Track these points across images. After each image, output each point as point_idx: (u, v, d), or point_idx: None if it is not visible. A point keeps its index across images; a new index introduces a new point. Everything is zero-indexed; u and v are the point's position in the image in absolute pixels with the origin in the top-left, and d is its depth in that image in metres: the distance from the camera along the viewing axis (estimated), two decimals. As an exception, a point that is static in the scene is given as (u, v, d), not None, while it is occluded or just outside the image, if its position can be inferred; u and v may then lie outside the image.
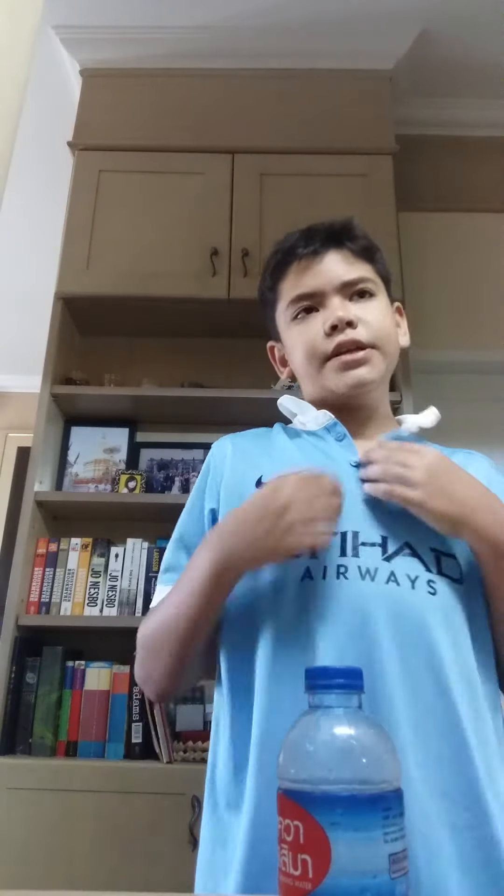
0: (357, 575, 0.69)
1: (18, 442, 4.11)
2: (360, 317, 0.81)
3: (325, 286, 0.82)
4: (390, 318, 0.86)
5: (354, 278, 0.83)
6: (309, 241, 0.84)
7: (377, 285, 0.85)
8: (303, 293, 0.84)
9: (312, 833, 0.40)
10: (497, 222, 2.34)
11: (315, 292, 0.83)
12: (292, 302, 0.85)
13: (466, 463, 0.83)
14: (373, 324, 0.82)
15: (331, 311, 0.81)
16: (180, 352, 2.11)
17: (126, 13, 2.14)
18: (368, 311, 0.83)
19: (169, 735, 1.56)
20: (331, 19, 2.14)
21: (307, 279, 0.83)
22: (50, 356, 1.88)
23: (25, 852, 1.42)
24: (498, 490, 0.76)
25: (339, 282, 0.82)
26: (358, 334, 0.80)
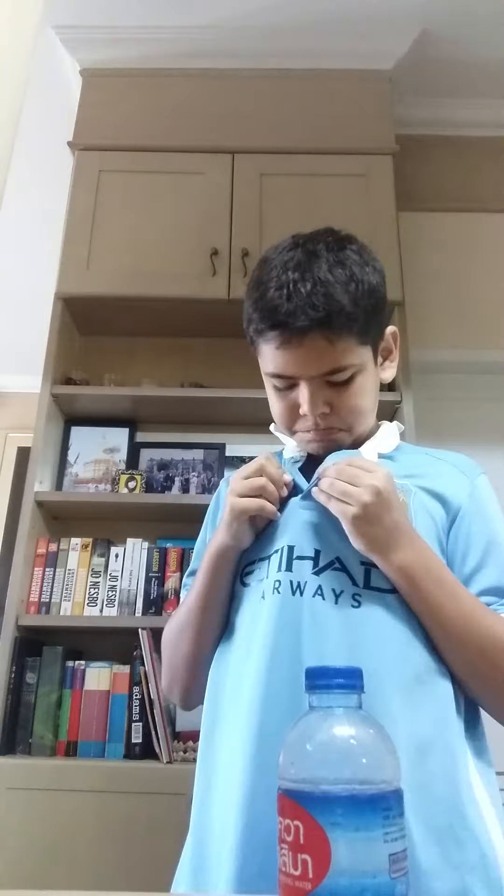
0: (288, 590, 0.75)
1: (18, 442, 4.11)
2: (336, 404, 0.81)
3: (301, 373, 0.80)
4: (372, 392, 0.86)
5: (332, 368, 0.79)
6: (291, 315, 0.76)
7: (359, 364, 0.81)
8: (278, 373, 0.82)
9: (312, 833, 0.40)
10: (497, 222, 2.34)
11: (292, 376, 0.81)
12: (268, 374, 0.84)
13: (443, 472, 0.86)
14: (347, 409, 0.82)
15: (303, 400, 0.80)
16: (180, 352, 2.11)
17: (126, 13, 2.13)
18: (346, 395, 0.81)
19: (169, 735, 1.56)
20: (331, 19, 2.14)
21: (284, 361, 0.80)
22: (50, 356, 1.88)
23: (25, 852, 1.41)
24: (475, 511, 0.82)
25: (315, 374, 0.79)
26: (332, 421, 0.82)
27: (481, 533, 0.80)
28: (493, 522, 0.82)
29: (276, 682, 0.70)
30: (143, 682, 1.59)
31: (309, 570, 0.75)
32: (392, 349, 0.91)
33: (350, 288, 0.78)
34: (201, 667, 0.83)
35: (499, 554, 0.79)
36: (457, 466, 0.87)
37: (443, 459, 0.89)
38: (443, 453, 0.91)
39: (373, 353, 0.85)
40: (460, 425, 2.16)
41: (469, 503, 0.82)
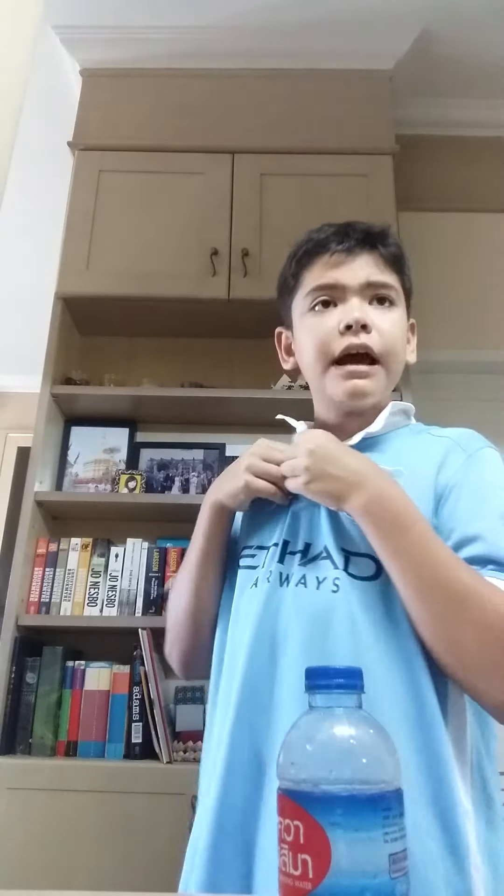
0: (277, 580, 0.76)
1: (18, 442, 4.11)
2: (376, 323, 0.81)
3: (350, 282, 0.82)
4: (403, 332, 0.86)
5: (380, 281, 0.82)
6: (345, 237, 0.84)
7: (399, 296, 0.85)
8: (326, 283, 0.83)
9: (312, 833, 0.40)
10: (497, 222, 2.34)
11: (338, 285, 0.82)
12: (313, 290, 0.84)
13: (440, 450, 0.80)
14: (386, 333, 0.81)
15: (348, 310, 0.81)
16: (180, 352, 2.11)
17: (126, 13, 2.14)
18: (385, 319, 0.82)
19: (169, 735, 1.56)
20: (331, 19, 2.14)
21: (334, 272, 0.83)
22: (50, 356, 1.88)
23: (25, 852, 1.42)
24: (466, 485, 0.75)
25: (366, 281, 0.82)
26: (370, 340, 0.80)
27: (470, 507, 0.73)
28: (486, 495, 0.74)
29: (256, 668, 0.72)
30: (143, 682, 1.59)
31: (297, 562, 0.77)
32: (411, 339, 0.91)
33: (394, 235, 0.87)
34: (200, 624, 0.84)
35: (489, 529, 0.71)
36: (458, 442, 0.81)
37: (444, 436, 0.83)
38: (447, 430, 0.85)
39: (406, 309, 0.87)
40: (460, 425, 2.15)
41: (461, 477, 0.76)
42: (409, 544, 0.68)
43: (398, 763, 0.44)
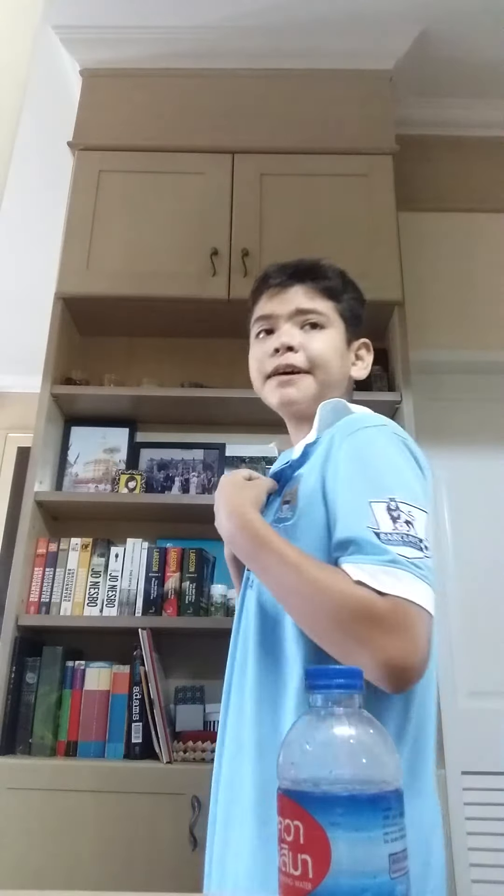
0: (246, 582, 0.92)
1: (18, 442, 4.11)
2: (305, 344, 0.93)
3: (281, 311, 0.96)
4: (336, 350, 0.95)
5: (308, 308, 0.95)
6: (280, 273, 0.98)
7: (331, 320, 0.96)
8: (263, 314, 0.98)
9: (312, 833, 0.40)
10: (497, 222, 2.34)
11: (273, 315, 0.97)
12: (256, 321, 0.99)
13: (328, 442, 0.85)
14: (312, 350, 0.93)
15: (279, 335, 0.95)
16: (180, 352, 2.11)
17: (126, 13, 2.14)
18: (314, 340, 0.94)
19: (169, 735, 1.56)
20: (331, 19, 2.14)
21: (270, 304, 0.97)
22: (50, 356, 1.88)
23: (25, 852, 1.42)
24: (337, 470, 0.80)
25: (295, 308, 0.95)
26: (293, 359, 0.93)
27: (339, 494, 0.77)
28: (349, 479, 0.77)
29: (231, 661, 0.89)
30: (143, 682, 1.59)
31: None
32: (364, 356, 1.02)
33: (333, 267, 1.00)
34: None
35: (349, 505, 0.75)
36: (337, 432, 0.84)
37: (334, 428, 0.86)
38: (341, 420, 0.88)
39: (345, 332, 0.98)
40: (460, 425, 2.16)
41: (335, 467, 0.80)
42: (263, 564, 0.78)
43: (398, 763, 0.44)
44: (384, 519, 0.71)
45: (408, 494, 0.74)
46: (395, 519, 0.71)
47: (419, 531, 0.72)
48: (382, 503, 0.72)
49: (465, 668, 1.92)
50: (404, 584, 0.67)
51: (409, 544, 0.70)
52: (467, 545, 2.04)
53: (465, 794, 1.78)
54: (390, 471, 0.77)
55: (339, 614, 0.68)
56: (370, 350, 1.02)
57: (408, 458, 0.80)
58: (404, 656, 0.65)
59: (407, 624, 0.66)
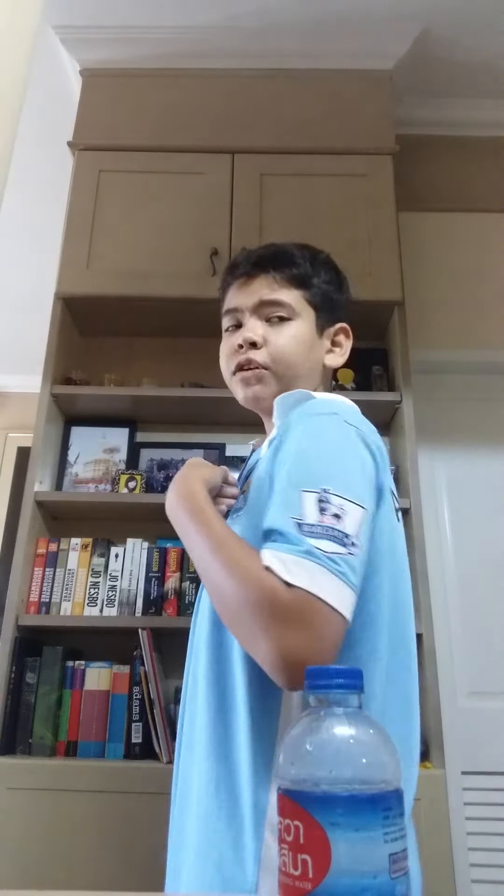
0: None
1: (18, 442, 4.11)
2: (269, 338, 0.91)
3: (245, 304, 0.94)
4: (302, 343, 0.92)
5: (271, 299, 0.92)
6: (246, 262, 0.96)
7: (297, 311, 0.92)
8: (229, 308, 0.96)
9: (312, 833, 0.40)
10: (497, 222, 2.34)
11: (238, 308, 0.95)
12: (224, 314, 0.98)
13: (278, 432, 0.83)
14: (275, 346, 0.91)
15: (242, 331, 0.93)
16: (180, 352, 2.11)
17: (126, 13, 2.14)
18: (277, 334, 0.91)
19: (169, 735, 1.56)
20: (331, 19, 2.14)
21: (236, 296, 0.95)
22: (50, 356, 1.88)
23: (25, 852, 1.42)
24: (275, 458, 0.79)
25: (258, 300, 0.93)
26: (255, 355, 0.91)
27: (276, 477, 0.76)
28: (290, 463, 0.74)
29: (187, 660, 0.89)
30: (143, 682, 1.59)
31: None
32: (342, 343, 0.99)
33: (303, 252, 0.96)
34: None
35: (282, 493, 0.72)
36: (293, 418, 0.81)
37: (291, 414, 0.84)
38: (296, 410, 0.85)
39: (316, 320, 0.94)
40: (460, 425, 2.16)
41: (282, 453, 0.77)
42: (191, 539, 0.77)
43: (398, 763, 0.44)
44: (311, 510, 0.68)
45: (343, 487, 0.70)
46: (322, 511, 0.67)
47: (348, 526, 0.67)
48: (314, 493, 0.69)
49: (465, 668, 1.92)
50: (313, 577, 0.64)
51: (332, 538, 0.66)
52: (467, 545, 2.04)
53: (465, 794, 1.78)
54: (330, 461, 0.73)
55: (242, 598, 0.67)
56: (349, 336, 0.99)
57: (356, 449, 0.75)
58: (298, 652, 0.62)
59: (307, 619, 0.63)
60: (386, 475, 0.79)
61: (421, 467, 1.85)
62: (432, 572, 1.81)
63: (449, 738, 1.71)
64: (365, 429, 0.79)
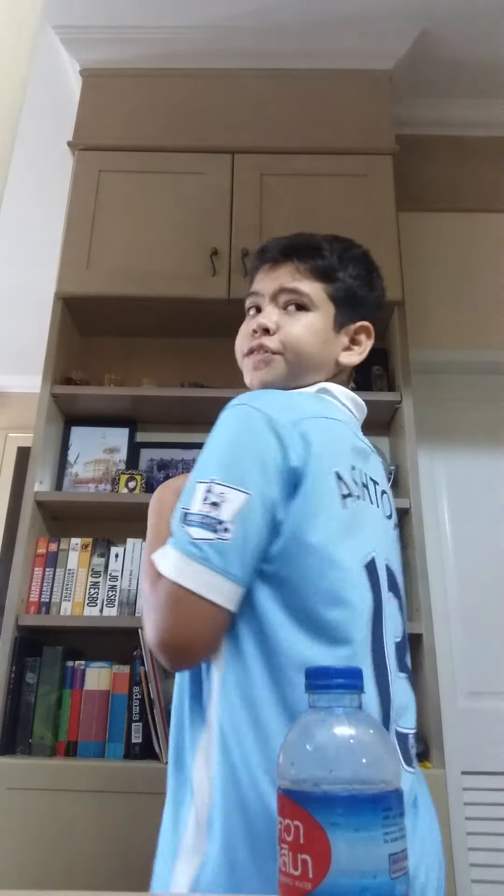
0: None
1: (18, 442, 4.11)
2: (283, 326, 0.91)
3: (265, 290, 0.95)
4: (316, 335, 0.92)
5: (291, 287, 0.92)
6: (274, 248, 0.96)
7: (316, 303, 0.92)
8: (252, 291, 0.98)
9: (312, 833, 0.40)
10: (497, 222, 2.34)
11: (259, 292, 0.96)
12: (248, 296, 0.99)
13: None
14: (288, 334, 0.91)
15: (259, 316, 0.94)
16: (180, 352, 2.11)
17: (126, 13, 2.14)
18: (294, 322, 0.91)
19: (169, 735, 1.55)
20: (331, 19, 2.14)
21: (259, 282, 0.97)
22: (50, 356, 1.88)
23: (25, 852, 1.42)
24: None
25: (279, 287, 0.93)
26: (267, 341, 0.91)
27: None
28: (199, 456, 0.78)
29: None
30: (143, 682, 1.59)
31: None
32: (362, 342, 0.97)
33: (333, 244, 0.96)
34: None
35: (187, 486, 0.76)
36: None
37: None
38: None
39: (335, 315, 0.93)
40: (460, 425, 2.16)
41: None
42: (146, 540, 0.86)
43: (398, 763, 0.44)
44: (198, 500, 0.72)
45: (229, 475, 0.72)
46: (205, 500, 0.71)
47: (224, 513, 0.70)
48: (204, 484, 0.73)
49: (465, 668, 1.92)
50: (176, 565, 0.69)
51: (204, 525, 0.70)
52: (467, 545, 2.04)
53: (465, 794, 1.78)
54: (219, 452, 0.76)
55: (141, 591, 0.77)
56: (371, 335, 0.97)
57: (252, 436, 0.75)
58: (168, 636, 0.68)
59: (170, 604, 0.69)
60: (313, 458, 0.75)
61: (421, 467, 1.85)
62: (432, 572, 1.81)
63: (449, 738, 1.71)
64: (280, 416, 0.77)
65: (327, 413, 0.84)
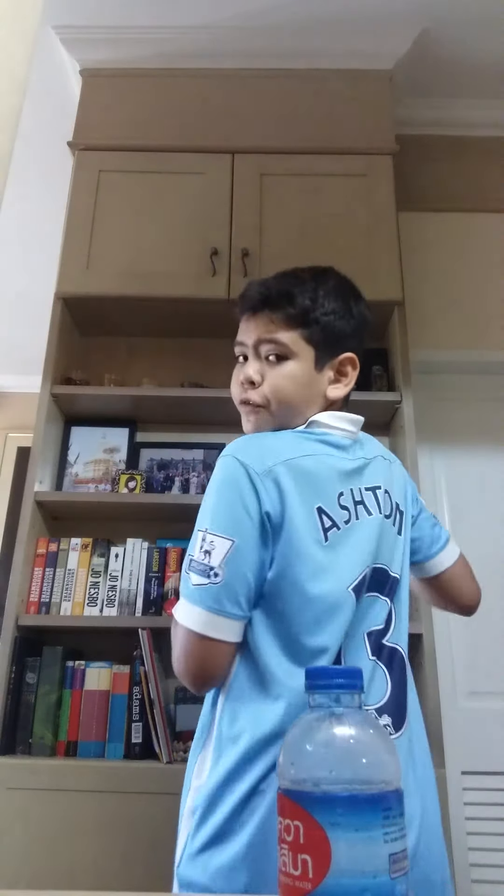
0: None
1: (18, 442, 4.11)
2: (266, 377, 0.95)
3: (247, 341, 0.98)
4: (297, 382, 0.95)
5: (268, 338, 0.95)
6: (251, 298, 0.99)
7: (294, 351, 0.94)
8: (237, 341, 1.01)
9: (312, 833, 0.40)
10: (497, 222, 2.34)
11: (242, 343, 1.00)
12: (235, 344, 1.02)
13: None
14: (270, 385, 0.95)
15: (243, 368, 0.98)
16: (180, 352, 2.11)
17: (126, 13, 2.13)
18: (273, 374, 0.95)
19: (169, 735, 1.56)
20: (331, 19, 2.14)
21: (242, 332, 1.00)
22: (50, 356, 1.88)
23: (25, 852, 1.42)
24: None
25: (257, 339, 0.96)
26: (252, 395, 0.96)
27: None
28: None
29: None
30: (143, 682, 1.59)
31: None
32: (348, 373, 0.99)
33: (305, 285, 0.97)
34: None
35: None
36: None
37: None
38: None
39: (315, 357, 0.95)
40: (460, 425, 2.16)
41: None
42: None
43: (398, 763, 0.44)
44: (196, 548, 0.82)
45: (216, 524, 0.82)
46: (201, 548, 0.82)
47: (214, 559, 0.80)
48: (201, 532, 0.83)
49: (465, 668, 1.92)
50: (180, 607, 0.82)
51: (200, 572, 0.81)
52: (467, 545, 2.03)
53: (465, 794, 1.78)
54: (209, 503, 0.85)
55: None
56: (356, 366, 0.99)
57: (233, 486, 0.83)
58: (179, 670, 0.83)
59: (177, 640, 0.82)
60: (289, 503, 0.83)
61: (421, 467, 1.85)
62: (432, 572, 1.81)
63: (449, 738, 1.71)
64: (256, 465, 0.84)
65: (308, 451, 0.89)
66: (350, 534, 0.87)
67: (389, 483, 0.98)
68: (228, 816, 0.76)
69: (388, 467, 1.00)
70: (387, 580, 0.92)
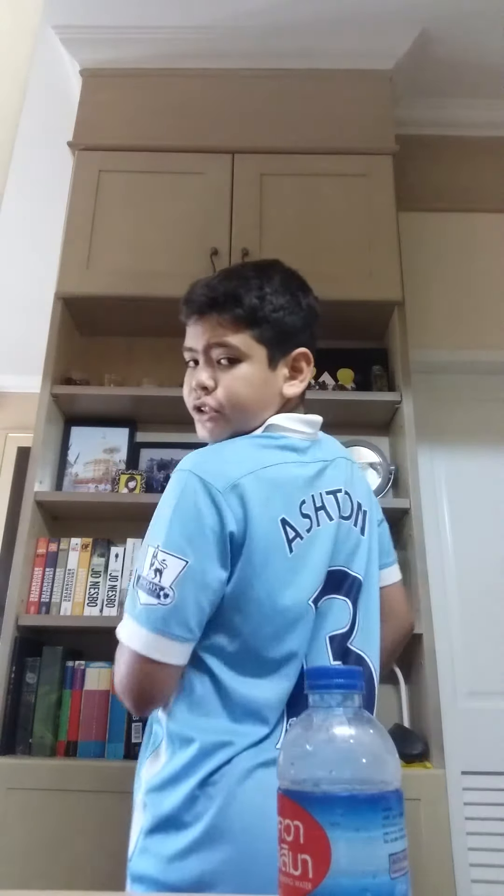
0: None
1: (18, 442, 4.11)
2: (219, 382, 0.93)
3: (197, 346, 0.95)
4: (251, 384, 0.92)
5: (218, 342, 0.93)
6: (197, 301, 0.95)
7: (245, 352, 0.92)
8: (186, 346, 0.98)
9: (312, 833, 0.40)
10: (497, 222, 2.34)
11: (191, 348, 0.97)
12: (183, 350, 0.99)
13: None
14: (224, 390, 0.92)
15: (195, 374, 0.96)
16: (180, 352, 2.09)
17: (126, 13, 2.13)
18: (226, 378, 0.93)
19: (169, 735, 1.55)
20: (331, 19, 2.14)
21: (190, 337, 0.97)
22: (50, 356, 1.88)
23: (25, 852, 1.42)
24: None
25: (206, 344, 0.94)
26: (207, 399, 0.94)
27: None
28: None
29: None
30: (143, 682, 1.58)
31: None
32: (303, 369, 0.97)
33: (250, 283, 0.93)
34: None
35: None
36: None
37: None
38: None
39: (267, 356, 0.93)
40: (460, 425, 2.16)
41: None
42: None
43: (398, 763, 0.44)
44: (147, 565, 0.79)
45: (169, 542, 0.79)
46: (151, 565, 0.79)
47: (165, 579, 0.77)
48: (152, 549, 0.80)
49: (465, 668, 1.92)
50: (124, 626, 0.80)
51: (149, 591, 0.78)
52: (467, 545, 2.04)
53: (465, 794, 1.78)
54: (162, 519, 0.82)
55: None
56: (310, 361, 0.97)
57: (190, 503, 0.81)
58: (120, 690, 0.80)
59: (123, 662, 0.79)
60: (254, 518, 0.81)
61: (421, 467, 1.85)
62: (432, 572, 1.81)
63: (449, 738, 1.71)
64: (218, 481, 0.81)
65: (269, 461, 0.86)
66: (313, 542, 0.86)
67: (350, 484, 0.95)
68: (179, 806, 0.75)
69: (349, 467, 0.98)
70: (344, 580, 0.90)
